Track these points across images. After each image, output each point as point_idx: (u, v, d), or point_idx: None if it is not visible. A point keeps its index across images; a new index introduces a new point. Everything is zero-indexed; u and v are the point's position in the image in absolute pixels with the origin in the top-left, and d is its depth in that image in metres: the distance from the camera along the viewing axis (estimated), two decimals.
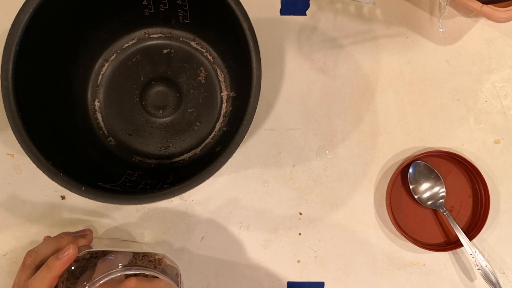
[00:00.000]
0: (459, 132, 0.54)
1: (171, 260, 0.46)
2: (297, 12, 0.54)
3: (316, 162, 0.54)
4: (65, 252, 0.38)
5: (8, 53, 0.38)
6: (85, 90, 0.52)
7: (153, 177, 0.49)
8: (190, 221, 0.53)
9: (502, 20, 0.46)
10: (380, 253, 0.53)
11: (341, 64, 0.54)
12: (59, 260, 0.38)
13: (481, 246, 0.54)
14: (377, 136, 0.54)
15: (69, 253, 0.38)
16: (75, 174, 0.40)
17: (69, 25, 0.45)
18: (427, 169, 0.53)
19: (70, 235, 0.43)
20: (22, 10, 0.38)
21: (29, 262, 0.39)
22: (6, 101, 0.39)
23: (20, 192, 0.52)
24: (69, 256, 0.38)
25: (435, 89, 0.54)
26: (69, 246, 0.39)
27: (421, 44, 0.55)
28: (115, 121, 0.52)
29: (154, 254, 0.46)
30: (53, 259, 0.38)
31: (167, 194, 0.40)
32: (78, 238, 0.43)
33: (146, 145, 0.52)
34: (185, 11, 0.48)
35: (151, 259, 0.46)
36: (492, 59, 0.55)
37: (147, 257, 0.46)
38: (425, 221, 0.54)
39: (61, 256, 0.38)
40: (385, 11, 0.54)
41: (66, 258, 0.38)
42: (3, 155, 0.53)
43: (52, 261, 0.38)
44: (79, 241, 0.43)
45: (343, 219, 0.53)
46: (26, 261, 0.39)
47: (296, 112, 0.54)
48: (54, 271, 0.38)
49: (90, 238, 0.45)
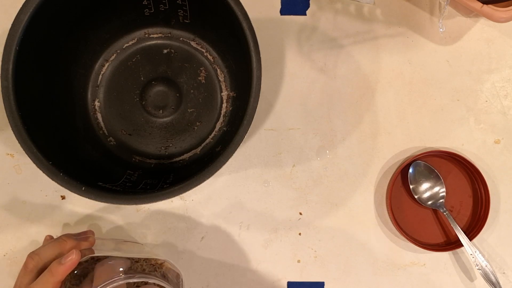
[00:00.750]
0: (459, 132, 0.54)
1: (172, 264, 0.46)
2: (297, 12, 0.54)
3: (316, 162, 0.54)
4: (68, 257, 0.38)
5: (8, 53, 0.38)
6: (85, 90, 0.52)
7: (153, 177, 0.49)
8: (190, 221, 0.53)
9: (502, 20, 0.46)
10: (380, 253, 0.53)
11: (341, 64, 0.54)
12: (62, 266, 0.37)
13: (481, 246, 0.54)
14: (377, 136, 0.54)
15: (72, 259, 0.38)
16: (75, 174, 0.40)
17: (69, 25, 0.45)
18: (427, 169, 0.53)
19: (72, 238, 0.42)
20: (22, 10, 0.38)
21: (31, 266, 0.39)
22: (6, 101, 0.39)
23: (20, 192, 0.52)
24: (72, 262, 0.38)
25: (435, 89, 0.54)
26: (72, 251, 0.38)
27: (421, 44, 0.55)
28: (115, 121, 0.52)
29: (155, 259, 0.46)
30: (55, 264, 0.38)
31: (167, 194, 0.40)
32: (80, 242, 0.43)
33: (146, 145, 0.52)
34: (185, 11, 0.48)
35: (152, 263, 0.46)
36: (492, 59, 0.55)
37: (149, 260, 0.46)
38: (425, 221, 0.54)
39: (64, 261, 0.38)
40: (385, 11, 0.54)
41: (69, 263, 0.38)
42: (3, 155, 0.53)
43: (55, 266, 0.38)
44: (81, 244, 0.42)
45: (343, 219, 0.53)
46: (28, 265, 0.39)
47: (296, 112, 0.54)
48: (57, 277, 0.37)
49: (92, 241, 0.44)
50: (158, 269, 0.46)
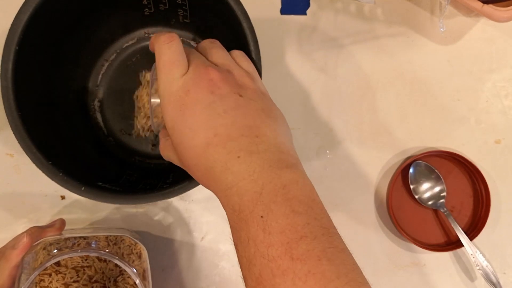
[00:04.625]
0: (460, 132, 0.54)
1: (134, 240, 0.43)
2: (298, 11, 0.54)
3: (316, 162, 0.54)
4: (19, 241, 0.40)
5: (8, 53, 0.38)
6: (85, 90, 0.52)
7: (153, 177, 0.49)
8: (190, 221, 0.53)
9: (503, 20, 0.45)
10: (380, 253, 0.53)
11: (342, 64, 0.54)
12: (15, 250, 0.39)
13: (482, 246, 0.54)
14: (377, 136, 0.54)
15: (24, 242, 0.40)
16: (75, 174, 0.40)
17: (69, 25, 0.45)
18: (428, 169, 0.53)
19: (36, 227, 0.43)
20: (21, 10, 0.38)
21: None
22: (5, 101, 0.39)
23: (20, 192, 0.52)
24: (24, 245, 0.40)
25: (436, 89, 0.54)
26: (22, 235, 0.40)
27: (422, 43, 0.54)
28: (115, 121, 0.52)
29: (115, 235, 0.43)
30: (9, 249, 0.40)
31: (167, 194, 0.40)
32: (45, 229, 0.44)
33: (146, 145, 0.52)
34: (185, 10, 0.48)
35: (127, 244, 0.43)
36: (493, 58, 0.55)
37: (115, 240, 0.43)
38: (425, 221, 0.54)
39: (16, 246, 0.40)
40: (386, 10, 0.54)
41: (21, 247, 0.39)
42: (3, 155, 0.53)
43: (8, 251, 0.39)
44: (46, 230, 0.44)
45: (343, 219, 0.53)
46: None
47: (296, 112, 0.54)
48: (11, 262, 0.39)
49: (58, 227, 0.45)
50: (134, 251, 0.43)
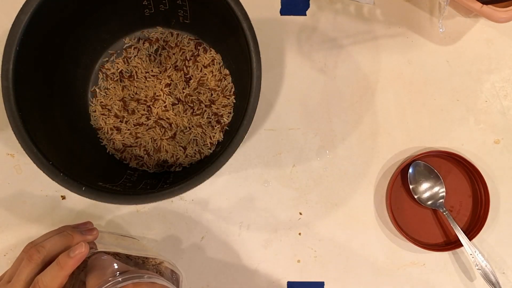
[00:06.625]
0: (459, 132, 0.54)
1: (173, 264, 0.45)
2: (297, 12, 0.54)
3: (316, 162, 0.54)
4: (76, 250, 0.37)
5: (9, 53, 0.38)
6: (85, 90, 0.52)
7: (153, 177, 0.49)
8: (190, 221, 0.53)
9: (502, 20, 0.46)
10: (380, 253, 0.53)
11: (341, 64, 0.54)
12: (71, 259, 0.37)
13: (481, 246, 0.54)
14: (377, 136, 0.54)
15: (81, 252, 0.37)
16: (75, 174, 0.40)
17: (69, 25, 0.45)
18: (427, 169, 0.53)
19: (77, 232, 0.41)
20: (22, 10, 0.38)
21: (36, 257, 0.37)
22: (6, 101, 0.39)
23: (20, 192, 0.53)
24: (82, 255, 0.37)
25: (435, 89, 0.55)
26: (80, 244, 0.38)
27: (421, 44, 0.55)
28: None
29: (154, 258, 0.45)
30: (64, 257, 0.37)
31: (167, 194, 0.40)
32: (86, 235, 0.42)
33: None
34: (185, 11, 0.48)
35: (152, 263, 0.45)
36: (492, 59, 0.55)
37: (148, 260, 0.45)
38: (425, 221, 0.54)
39: (73, 254, 0.37)
40: (385, 11, 0.54)
41: (78, 256, 0.37)
42: (4, 155, 0.53)
43: (63, 259, 0.37)
44: (87, 238, 0.42)
45: (343, 219, 0.53)
46: (33, 256, 0.38)
47: (296, 112, 0.54)
48: (66, 270, 0.37)
49: (96, 234, 0.43)
50: (157, 267, 0.45)
